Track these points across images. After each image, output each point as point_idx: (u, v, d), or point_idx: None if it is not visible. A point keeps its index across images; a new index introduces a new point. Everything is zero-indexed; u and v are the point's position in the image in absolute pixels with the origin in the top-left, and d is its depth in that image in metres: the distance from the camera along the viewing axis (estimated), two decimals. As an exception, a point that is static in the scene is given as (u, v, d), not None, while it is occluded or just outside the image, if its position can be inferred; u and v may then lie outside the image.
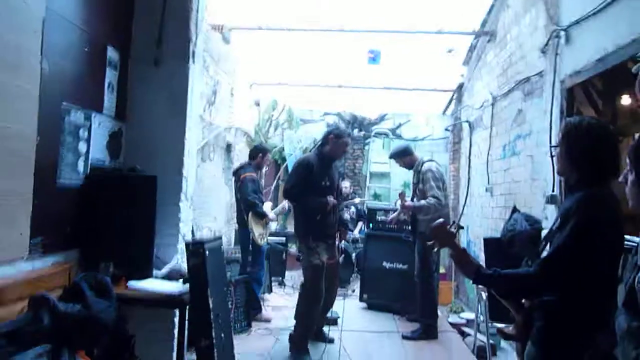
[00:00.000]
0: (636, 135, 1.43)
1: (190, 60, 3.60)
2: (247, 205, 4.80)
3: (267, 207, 5.07)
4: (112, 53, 3.31)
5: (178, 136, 3.56)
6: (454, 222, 2.13)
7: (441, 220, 2.13)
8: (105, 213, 3.05)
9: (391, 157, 5.04)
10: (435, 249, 2.14)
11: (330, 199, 3.89)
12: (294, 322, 3.93)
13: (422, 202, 4.46)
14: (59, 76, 2.76)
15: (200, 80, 4.21)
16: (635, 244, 1.45)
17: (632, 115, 3.93)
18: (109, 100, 3.32)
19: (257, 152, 5.20)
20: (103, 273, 2.81)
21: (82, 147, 2.99)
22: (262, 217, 4.86)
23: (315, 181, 3.88)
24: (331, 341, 4.13)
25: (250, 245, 4.87)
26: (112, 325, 2.52)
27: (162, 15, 3.50)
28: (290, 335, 3.94)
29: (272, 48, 7.53)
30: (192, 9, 3.56)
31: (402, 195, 4.59)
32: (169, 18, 3.52)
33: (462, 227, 2.14)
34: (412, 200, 4.70)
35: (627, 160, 1.43)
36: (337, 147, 3.95)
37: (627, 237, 1.93)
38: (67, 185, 2.86)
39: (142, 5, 3.54)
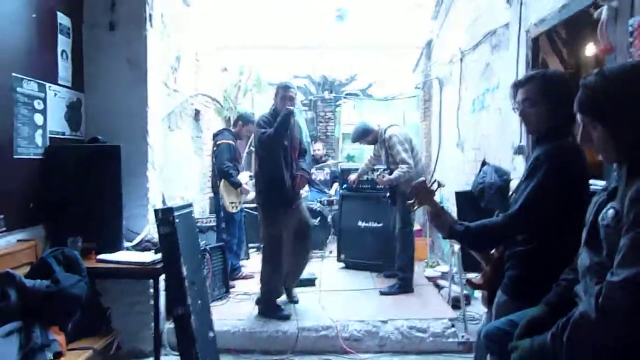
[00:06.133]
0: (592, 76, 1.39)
1: (148, 23, 3.47)
2: (221, 172, 4.74)
3: (243, 176, 4.99)
4: (63, 19, 3.16)
5: (140, 104, 3.46)
6: (435, 180, 2.13)
7: (422, 179, 2.13)
8: (70, 186, 2.98)
9: (354, 141, 5.06)
10: (415, 208, 2.14)
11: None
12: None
13: (395, 173, 4.50)
14: (5, 45, 2.62)
15: (161, 45, 4.05)
16: (599, 187, 1.48)
17: (596, 63, 3.96)
18: (64, 69, 3.18)
19: (237, 120, 5.15)
20: (71, 248, 2.75)
21: (39, 119, 2.88)
22: (236, 186, 4.80)
23: (280, 140, 3.88)
24: (296, 302, 4.19)
25: (222, 213, 4.82)
26: (84, 299, 2.49)
27: (113, -24, 3.35)
28: (258, 299, 4.01)
29: (236, 10, 7.30)
30: (145, -31, 3.40)
31: (379, 177, 4.70)
32: (122, -21, 3.37)
33: (443, 185, 2.13)
34: (388, 167, 4.73)
35: (582, 116, 1.40)
36: (280, 100, 3.96)
37: (592, 181, 1.98)
38: (26, 159, 2.76)
39: (91, -33, 3.37)
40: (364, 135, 4.85)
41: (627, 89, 1.30)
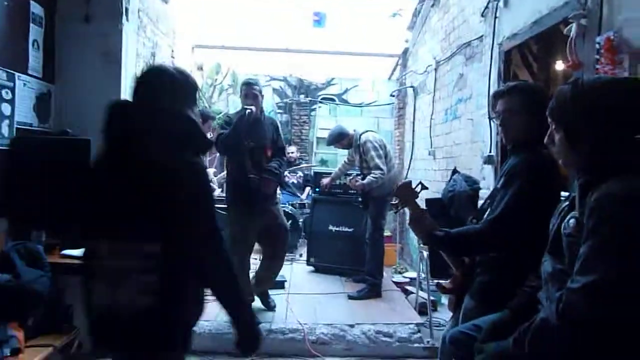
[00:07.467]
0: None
1: (124, 17, 3.41)
2: None
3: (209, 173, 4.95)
4: (36, 8, 3.08)
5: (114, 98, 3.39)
6: (419, 182, 2.16)
7: (408, 179, 2.16)
8: (36, 179, 2.89)
9: (329, 144, 5.07)
10: (399, 209, 2.16)
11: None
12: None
13: (368, 178, 4.51)
14: (-26, 31, 2.54)
15: (136, 41, 4.00)
16: (564, 197, 1.53)
17: (565, 78, 4.09)
18: (35, 59, 3.11)
19: None
20: (35, 242, 2.68)
21: (6, 109, 2.80)
22: None
23: (236, 141, 3.68)
24: (273, 308, 4.12)
25: None
26: (46, 295, 2.42)
27: (90, -32, 3.29)
28: None
29: (214, 9, 7.25)
30: (124, -38, 3.35)
31: (352, 182, 4.72)
32: (98, -29, 3.32)
33: (427, 188, 2.16)
34: (361, 172, 4.77)
35: (550, 120, 1.47)
36: (243, 99, 3.84)
37: (563, 193, 2.04)
38: (-10, 149, 2.68)
39: (67, -43, 3.30)
40: (339, 138, 4.88)
41: (594, 102, 1.34)
